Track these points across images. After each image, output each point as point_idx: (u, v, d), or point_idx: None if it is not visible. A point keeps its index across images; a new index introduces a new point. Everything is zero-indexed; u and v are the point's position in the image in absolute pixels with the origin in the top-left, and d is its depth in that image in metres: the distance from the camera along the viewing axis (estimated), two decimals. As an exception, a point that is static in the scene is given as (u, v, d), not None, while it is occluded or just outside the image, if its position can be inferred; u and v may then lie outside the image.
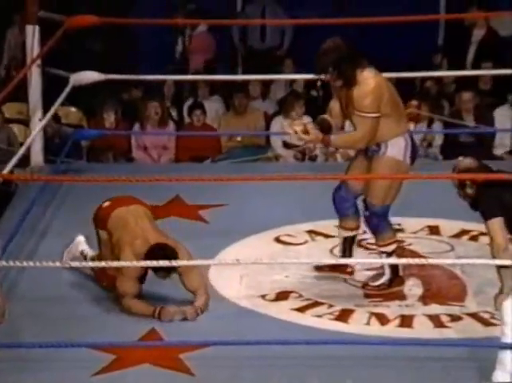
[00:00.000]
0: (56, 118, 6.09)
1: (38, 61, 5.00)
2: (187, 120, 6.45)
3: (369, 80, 3.60)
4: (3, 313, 2.69)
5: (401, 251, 4.22)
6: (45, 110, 5.11)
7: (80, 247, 4.02)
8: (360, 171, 3.77)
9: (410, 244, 4.32)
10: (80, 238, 4.04)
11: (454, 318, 3.70)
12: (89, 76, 5.07)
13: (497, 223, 3.21)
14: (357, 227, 3.90)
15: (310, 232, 4.37)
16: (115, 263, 3.70)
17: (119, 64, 6.57)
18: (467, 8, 6.85)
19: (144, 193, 4.17)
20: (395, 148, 3.64)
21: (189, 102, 6.48)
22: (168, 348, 3.44)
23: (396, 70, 5.54)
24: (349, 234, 3.90)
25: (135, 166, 5.98)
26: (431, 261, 3.92)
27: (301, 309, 3.78)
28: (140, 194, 4.07)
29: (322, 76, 3.65)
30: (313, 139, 3.69)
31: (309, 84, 6.59)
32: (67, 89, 5.08)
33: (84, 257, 4.00)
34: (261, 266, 4.02)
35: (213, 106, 6.49)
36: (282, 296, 3.87)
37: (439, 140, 6.14)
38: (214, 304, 3.81)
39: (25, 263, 3.69)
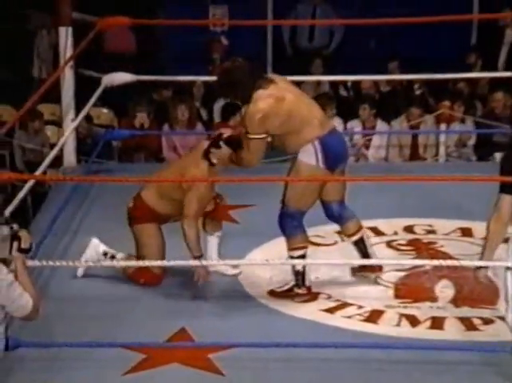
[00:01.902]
0: (88, 119, 6.14)
1: (71, 63, 5.04)
2: (217, 120, 6.45)
3: (260, 101, 3.63)
4: (38, 309, 2.73)
5: (433, 252, 4.19)
6: (77, 111, 5.16)
7: (99, 249, 4.01)
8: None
9: (442, 246, 4.29)
10: (95, 241, 4.02)
11: (486, 321, 3.66)
12: (121, 77, 5.11)
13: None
14: (360, 228, 3.91)
15: (340, 233, 4.35)
16: (147, 263, 3.73)
17: (148, 65, 6.60)
18: (501, 8, 6.77)
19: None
20: (306, 154, 3.72)
21: (220, 103, 6.48)
22: (197, 348, 3.45)
23: (430, 70, 5.50)
24: (356, 237, 3.91)
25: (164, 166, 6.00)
26: (463, 263, 3.89)
27: (330, 310, 3.77)
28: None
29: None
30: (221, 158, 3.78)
31: (336, 84, 6.55)
32: (99, 90, 5.12)
33: (111, 257, 4.01)
34: (290, 267, 4.01)
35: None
36: (312, 297, 3.86)
37: (472, 141, 6.09)
38: (243, 304, 3.82)
39: (57, 263, 3.73)
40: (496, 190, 3.45)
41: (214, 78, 4.00)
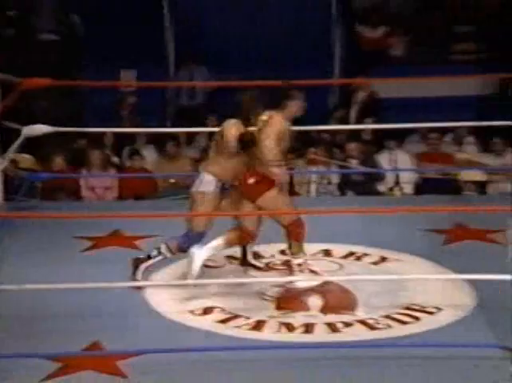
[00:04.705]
0: (13, 163, 5.98)
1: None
2: (127, 164, 6.46)
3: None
4: None
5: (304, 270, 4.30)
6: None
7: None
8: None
9: (311, 265, 4.41)
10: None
11: (347, 325, 3.78)
12: (39, 128, 5.06)
13: None
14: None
15: (228, 257, 4.42)
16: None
17: (68, 118, 6.53)
18: (357, 74, 7.04)
19: (90, 226, 4.13)
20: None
21: (127, 149, 6.52)
22: (107, 356, 3.40)
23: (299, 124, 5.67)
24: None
25: (83, 203, 5.93)
26: (328, 278, 3.99)
27: (223, 321, 3.80)
28: (86, 227, 4.02)
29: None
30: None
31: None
32: (20, 140, 5.03)
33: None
34: (190, 285, 4.02)
35: (149, 153, 6.52)
36: (208, 311, 3.89)
37: (335, 179, 6.29)
38: (149, 319, 3.79)
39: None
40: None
41: (122, 130, 4.07)
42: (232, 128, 3.88)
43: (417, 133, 6.56)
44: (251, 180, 3.85)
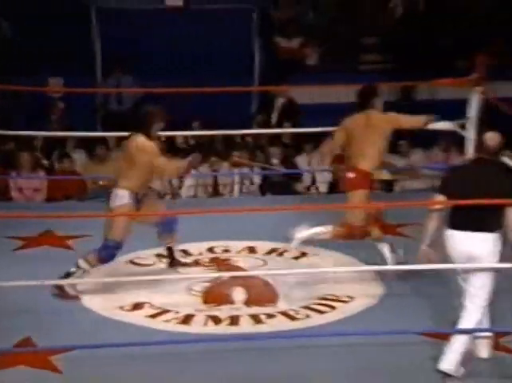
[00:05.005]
0: None
1: None
2: (56, 167, 6.26)
3: None
4: None
5: (229, 267, 4.30)
6: None
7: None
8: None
9: (235, 261, 4.40)
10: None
11: (270, 316, 3.80)
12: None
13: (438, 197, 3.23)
14: None
15: (158, 255, 4.36)
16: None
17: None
18: (277, 82, 7.09)
19: (21, 226, 3.97)
20: None
21: (56, 152, 6.33)
22: (40, 352, 3.29)
23: (223, 129, 5.68)
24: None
25: (13, 204, 5.70)
26: (251, 272, 4.01)
27: (153, 316, 3.74)
28: (17, 227, 3.86)
29: None
30: None
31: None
32: None
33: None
34: (120, 283, 3.94)
35: (78, 157, 6.35)
36: (138, 306, 3.82)
37: (257, 181, 6.33)
38: (80, 315, 3.70)
39: None
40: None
41: (52, 134, 3.90)
42: (139, 142, 3.86)
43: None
44: (351, 175, 4.07)
